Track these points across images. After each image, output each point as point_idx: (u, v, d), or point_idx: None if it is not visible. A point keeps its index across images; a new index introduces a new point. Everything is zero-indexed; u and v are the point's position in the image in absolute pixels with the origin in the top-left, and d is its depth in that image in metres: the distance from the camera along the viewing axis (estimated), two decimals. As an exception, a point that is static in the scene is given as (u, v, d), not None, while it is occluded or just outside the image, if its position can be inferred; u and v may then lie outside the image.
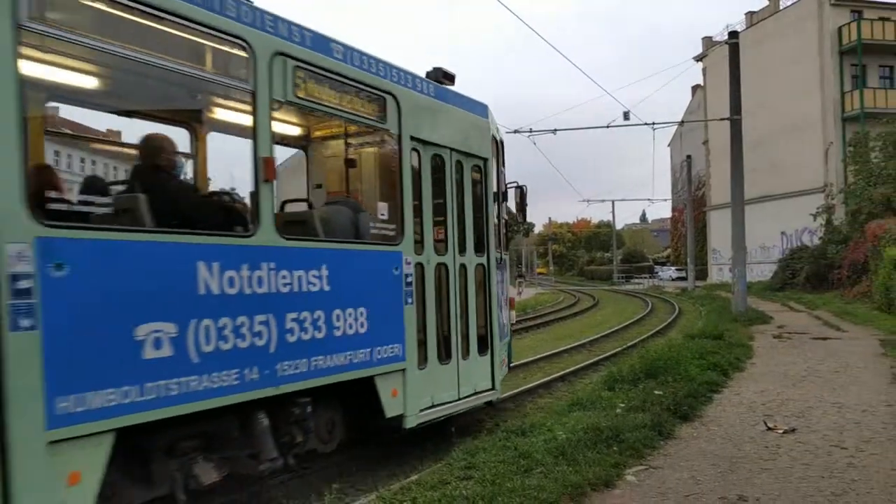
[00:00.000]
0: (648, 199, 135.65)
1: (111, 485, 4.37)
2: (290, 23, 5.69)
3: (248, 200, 5.54)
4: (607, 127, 22.89)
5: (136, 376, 4.37)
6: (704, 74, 52.58)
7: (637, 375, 10.29)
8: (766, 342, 16.45)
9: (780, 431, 7.76)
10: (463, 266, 7.99)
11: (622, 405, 8.46)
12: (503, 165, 9.07)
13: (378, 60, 6.77)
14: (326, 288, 5.85)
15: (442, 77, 7.83)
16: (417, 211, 7.18)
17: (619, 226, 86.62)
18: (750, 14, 48.96)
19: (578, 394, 9.50)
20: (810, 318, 23.43)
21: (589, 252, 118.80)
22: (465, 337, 7.95)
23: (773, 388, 10.43)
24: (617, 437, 6.99)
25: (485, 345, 8.37)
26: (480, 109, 8.47)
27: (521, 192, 9.71)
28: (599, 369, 14.30)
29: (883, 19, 41.43)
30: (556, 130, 21.35)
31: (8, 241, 3.81)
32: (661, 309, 31.86)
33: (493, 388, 8.47)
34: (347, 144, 7.87)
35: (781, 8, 44.95)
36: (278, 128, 6.89)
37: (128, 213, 4.74)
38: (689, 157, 50.83)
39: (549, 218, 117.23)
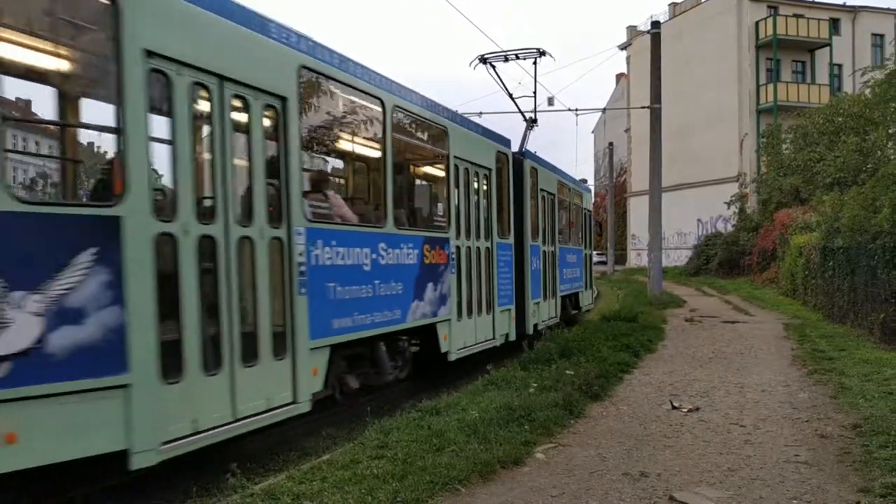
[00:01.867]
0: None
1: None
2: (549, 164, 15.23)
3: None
4: (532, 111, 23.00)
5: (564, 284, 16.02)
6: (628, 63, 53.65)
7: (551, 356, 10.52)
8: (678, 325, 17.01)
9: (685, 410, 8.05)
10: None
11: (535, 384, 8.62)
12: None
13: (566, 175, 16.95)
14: (574, 260, 17.14)
15: (583, 182, 20.57)
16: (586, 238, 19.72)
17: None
18: (673, 5, 50.11)
19: (494, 374, 9.63)
20: (721, 302, 24.33)
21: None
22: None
23: (681, 369, 10.81)
24: (528, 416, 7.13)
25: None
26: (587, 187, 20.23)
27: (601, 224, 28.18)
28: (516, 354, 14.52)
29: (797, 16, 43.04)
30: (481, 114, 21.33)
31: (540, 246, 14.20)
32: (580, 292, 32.49)
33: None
34: (564, 205, 16.44)
35: (703, 1, 46.17)
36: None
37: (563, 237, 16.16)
38: (611, 144, 51.81)
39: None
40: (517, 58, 14.41)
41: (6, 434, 4.22)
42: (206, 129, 5.71)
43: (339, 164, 9.24)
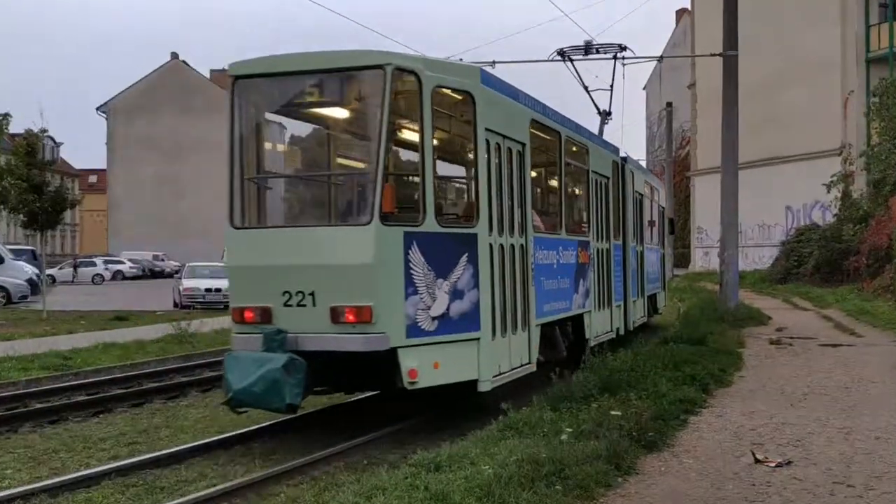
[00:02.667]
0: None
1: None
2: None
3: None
4: (562, 60, 23.05)
5: (650, 284, 21.71)
6: (693, -5, 53.71)
7: (590, 391, 10.52)
8: (760, 349, 17.07)
9: (772, 465, 8.04)
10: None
11: (569, 430, 8.61)
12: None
13: (648, 172, 24.07)
14: (655, 259, 22.32)
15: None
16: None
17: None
18: (753, -83, 50.12)
19: (514, 416, 9.63)
20: (819, 318, 24.37)
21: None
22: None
23: (766, 409, 10.82)
24: (561, 473, 7.14)
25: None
26: (658, 182, 24.84)
27: (672, 221, 27.15)
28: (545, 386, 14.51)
29: (921, -69, 42.97)
30: (494, 62, 21.34)
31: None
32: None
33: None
34: (648, 204, 21.48)
35: (793, -89, 46.13)
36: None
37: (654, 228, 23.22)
38: (669, 104, 51.92)
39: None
40: (597, 52, 19.63)
41: (434, 362, 9.32)
42: (495, 172, 10.81)
43: (538, 184, 14.26)
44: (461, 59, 14.77)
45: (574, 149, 14.39)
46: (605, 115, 20.07)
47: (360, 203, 10.34)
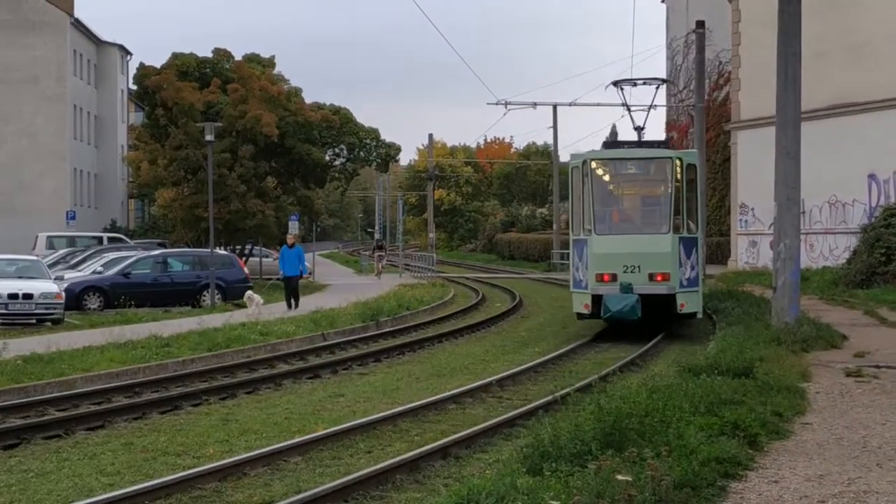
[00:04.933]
0: (623, 105, 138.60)
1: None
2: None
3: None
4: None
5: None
6: None
7: (587, 445, 10.70)
8: (832, 384, 17.21)
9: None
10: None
11: (555, 503, 8.56)
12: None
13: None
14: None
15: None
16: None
17: (566, 154, 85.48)
18: None
19: (473, 482, 9.54)
20: (917, 338, 24.47)
21: (507, 205, 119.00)
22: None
23: (842, 472, 10.97)
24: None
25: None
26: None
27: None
28: (516, 434, 14.48)
29: None
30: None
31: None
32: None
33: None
34: None
35: None
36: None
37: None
38: (701, 24, 51.95)
39: (430, 136, 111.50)
40: (644, 83, 33.76)
41: (686, 302, 30.48)
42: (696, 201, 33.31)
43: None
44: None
45: (697, 169, 31.76)
46: (640, 130, 33.00)
47: (662, 222, 28.85)
